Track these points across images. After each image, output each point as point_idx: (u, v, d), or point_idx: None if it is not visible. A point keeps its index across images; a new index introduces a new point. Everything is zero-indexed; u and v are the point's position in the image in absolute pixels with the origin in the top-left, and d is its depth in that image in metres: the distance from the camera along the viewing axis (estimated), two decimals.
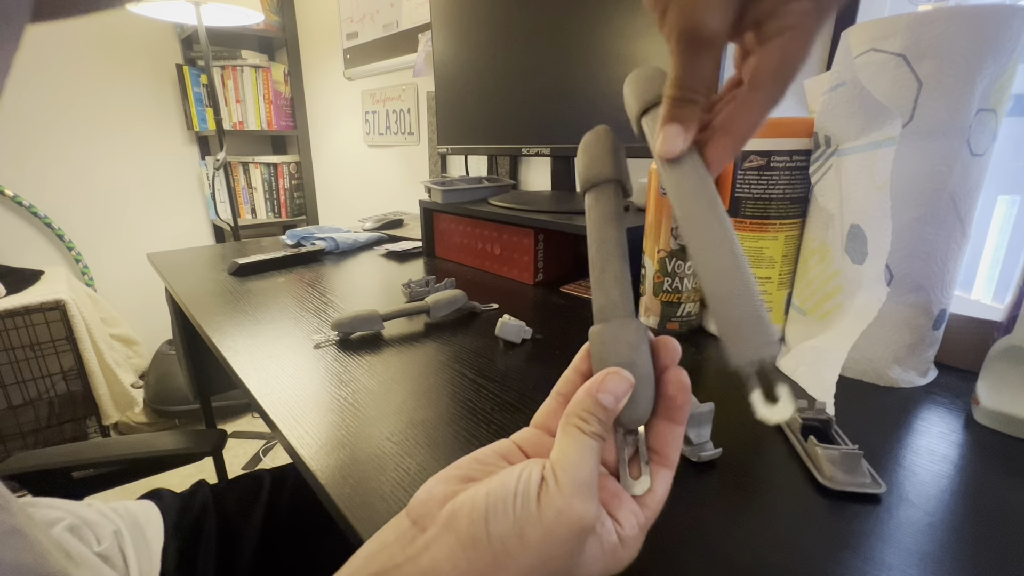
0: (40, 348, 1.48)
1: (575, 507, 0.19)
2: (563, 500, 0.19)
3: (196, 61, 1.95)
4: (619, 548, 0.21)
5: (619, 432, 0.23)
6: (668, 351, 0.23)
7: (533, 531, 0.19)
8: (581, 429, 0.21)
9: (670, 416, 0.23)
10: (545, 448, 0.23)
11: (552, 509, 0.19)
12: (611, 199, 0.25)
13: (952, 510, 0.28)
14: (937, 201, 0.38)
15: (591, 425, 0.21)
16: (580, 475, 0.20)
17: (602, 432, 0.21)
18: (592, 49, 0.70)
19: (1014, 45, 0.35)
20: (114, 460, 0.58)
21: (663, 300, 0.52)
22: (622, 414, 0.22)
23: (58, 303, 1.47)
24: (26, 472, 0.54)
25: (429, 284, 0.67)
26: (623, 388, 0.22)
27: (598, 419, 0.21)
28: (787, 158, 0.44)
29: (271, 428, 0.39)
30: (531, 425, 0.25)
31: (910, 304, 0.40)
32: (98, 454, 0.58)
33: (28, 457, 0.56)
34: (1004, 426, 0.36)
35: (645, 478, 0.22)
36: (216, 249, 1.01)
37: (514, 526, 0.20)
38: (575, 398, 0.22)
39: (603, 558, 0.21)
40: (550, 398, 0.25)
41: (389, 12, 1.36)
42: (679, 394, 0.22)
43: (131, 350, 1.86)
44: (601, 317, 0.24)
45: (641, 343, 0.23)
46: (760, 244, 0.47)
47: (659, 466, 0.23)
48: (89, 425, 1.60)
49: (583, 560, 0.20)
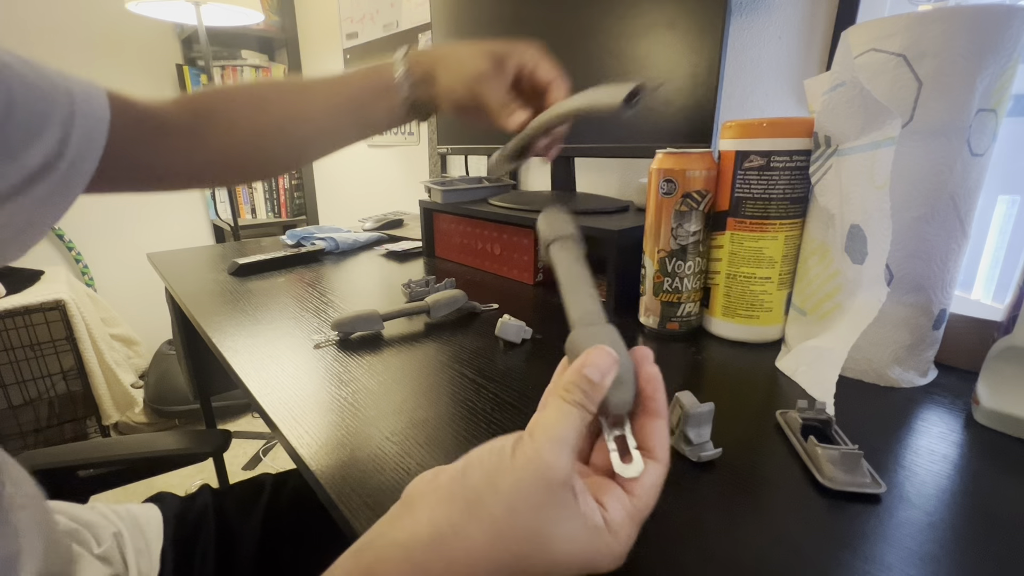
0: (40, 348, 1.48)
1: (544, 455, 0.20)
2: (534, 449, 0.20)
3: (196, 61, 1.96)
4: (604, 532, 0.21)
5: (607, 424, 0.24)
6: (641, 353, 0.25)
7: (504, 479, 0.20)
8: (563, 398, 0.22)
9: (649, 410, 0.24)
10: None
11: (523, 457, 0.20)
12: (572, 247, 0.31)
13: (952, 510, 0.28)
14: (937, 201, 0.38)
15: (573, 394, 0.22)
16: (554, 432, 0.21)
17: (584, 402, 0.22)
18: (592, 49, 0.70)
19: (1014, 45, 0.35)
20: (119, 460, 0.58)
21: (663, 300, 0.52)
22: (608, 397, 0.23)
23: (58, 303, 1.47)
24: (34, 471, 0.54)
25: (429, 284, 0.67)
26: (608, 362, 0.23)
27: (581, 390, 0.22)
28: (787, 158, 0.44)
29: (271, 428, 0.39)
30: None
31: (910, 304, 0.40)
32: (103, 453, 0.58)
33: (35, 456, 0.56)
34: (1004, 426, 0.36)
35: (637, 462, 0.23)
36: (216, 249, 1.01)
37: (487, 475, 0.21)
38: (563, 376, 0.23)
39: (585, 537, 0.20)
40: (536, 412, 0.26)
41: (389, 12, 1.36)
42: (648, 385, 0.24)
43: (131, 350, 1.86)
44: (579, 324, 0.27)
45: (619, 339, 0.25)
46: (760, 244, 0.47)
47: (648, 460, 0.23)
48: (89, 425, 1.60)
49: (560, 532, 0.20)
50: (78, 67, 1.75)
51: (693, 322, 0.53)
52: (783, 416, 0.37)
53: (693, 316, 0.52)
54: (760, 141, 0.45)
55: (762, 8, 0.69)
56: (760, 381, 0.44)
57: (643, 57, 0.64)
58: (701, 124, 0.60)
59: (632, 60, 0.65)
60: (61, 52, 1.74)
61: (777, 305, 0.49)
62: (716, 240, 0.50)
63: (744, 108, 0.74)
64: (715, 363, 0.47)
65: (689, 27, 0.59)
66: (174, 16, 1.45)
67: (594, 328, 0.26)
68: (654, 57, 0.63)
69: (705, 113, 0.60)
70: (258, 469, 1.61)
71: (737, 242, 0.48)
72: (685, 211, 0.48)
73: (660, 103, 0.64)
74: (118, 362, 1.66)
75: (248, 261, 0.81)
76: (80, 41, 1.77)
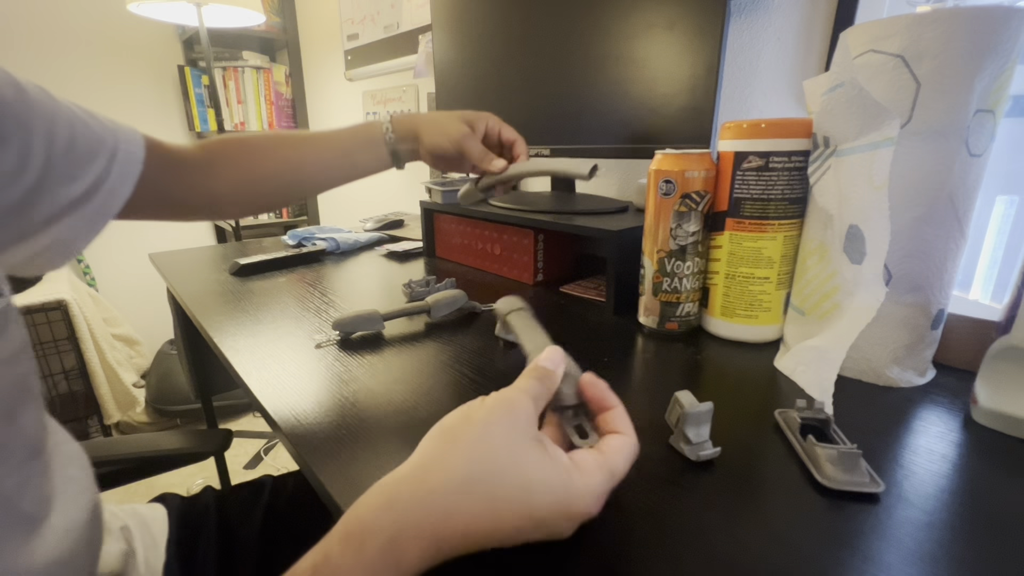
0: (42, 348, 1.48)
1: (508, 394, 0.25)
2: (500, 393, 0.25)
3: (197, 62, 1.96)
4: (574, 469, 0.23)
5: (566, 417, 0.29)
6: (584, 377, 0.29)
7: (476, 412, 0.24)
8: (525, 375, 0.27)
9: (604, 405, 0.28)
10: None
11: (491, 398, 0.25)
12: (526, 313, 0.41)
13: (951, 509, 0.28)
14: (935, 201, 0.38)
15: (533, 374, 0.27)
16: (518, 384, 0.26)
17: (540, 383, 0.27)
18: (592, 49, 0.70)
19: (1012, 46, 0.35)
20: (124, 459, 0.59)
21: (662, 300, 0.52)
22: (560, 388, 0.28)
23: (60, 303, 1.47)
24: None
25: (429, 284, 0.67)
26: (559, 355, 0.29)
27: (537, 375, 0.27)
28: (786, 158, 0.44)
29: (272, 427, 0.39)
30: None
31: (908, 304, 0.40)
32: (110, 452, 0.59)
33: None
34: (1002, 426, 0.36)
35: (593, 436, 0.28)
36: (217, 249, 1.01)
37: (463, 414, 0.25)
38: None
39: (552, 467, 0.22)
40: None
41: (390, 13, 1.37)
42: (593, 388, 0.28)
43: (133, 350, 1.87)
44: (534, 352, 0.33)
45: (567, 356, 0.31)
46: (759, 244, 0.47)
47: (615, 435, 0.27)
48: (91, 425, 1.60)
49: (532, 459, 0.22)
50: (80, 68, 1.76)
51: (692, 322, 0.53)
52: (782, 415, 0.37)
53: (692, 316, 0.52)
54: (759, 142, 0.45)
55: (761, 9, 0.69)
56: (759, 381, 0.44)
57: (642, 58, 0.64)
58: (700, 125, 0.60)
59: (631, 61, 0.65)
60: (64, 53, 1.75)
61: (776, 305, 0.49)
62: (715, 240, 0.50)
63: (743, 109, 0.74)
64: (714, 363, 0.47)
65: (688, 28, 0.59)
66: (175, 17, 1.46)
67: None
68: (653, 57, 0.63)
69: (704, 114, 0.60)
70: (259, 468, 1.62)
71: (736, 242, 0.48)
72: (684, 211, 0.48)
73: (659, 103, 0.64)
74: (120, 362, 1.66)
75: (249, 261, 0.81)
76: (82, 42, 1.78)
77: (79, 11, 1.76)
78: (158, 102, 1.96)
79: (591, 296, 0.67)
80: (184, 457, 0.61)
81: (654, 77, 0.64)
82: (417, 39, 1.28)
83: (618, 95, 0.68)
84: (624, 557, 0.25)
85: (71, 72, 1.76)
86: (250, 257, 0.83)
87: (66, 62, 1.75)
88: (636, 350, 0.50)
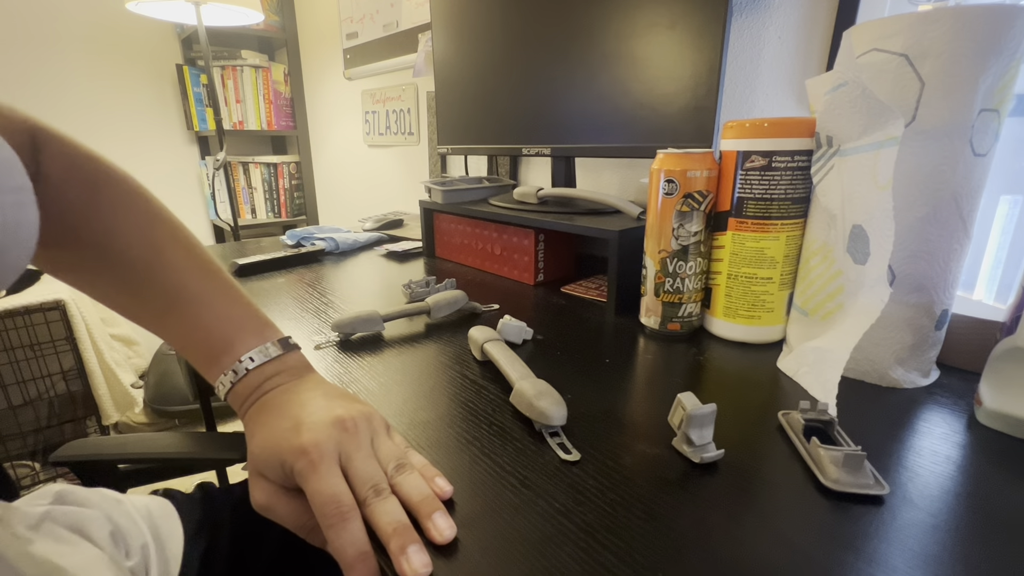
0: (40, 348, 1.48)
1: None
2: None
3: (196, 61, 1.95)
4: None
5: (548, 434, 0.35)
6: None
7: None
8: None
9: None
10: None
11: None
12: (500, 343, 0.47)
13: (955, 511, 0.28)
14: (939, 201, 0.38)
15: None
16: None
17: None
18: (592, 48, 0.69)
19: (1017, 45, 0.34)
20: (157, 458, 0.59)
21: (664, 301, 0.51)
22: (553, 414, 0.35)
23: (58, 303, 1.46)
24: (79, 460, 0.57)
25: (429, 284, 0.67)
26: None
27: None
28: (789, 158, 0.44)
29: None
30: None
31: (912, 304, 0.40)
32: (143, 450, 0.60)
33: (81, 446, 0.58)
34: (1007, 427, 0.35)
35: (575, 454, 0.33)
36: (216, 249, 1.00)
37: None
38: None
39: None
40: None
41: (389, 12, 1.36)
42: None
43: (131, 350, 1.86)
44: (519, 380, 0.39)
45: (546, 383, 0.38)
46: (762, 244, 0.47)
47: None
48: (89, 425, 1.59)
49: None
50: (78, 67, 1.76)
51: (694, 322, 0.53)
52: (785, 417, 0.36)
53: (694, 316, 0.52)
54: (762, 141, 0.45)
55: (762, 8, 0.69)
56: (762, 382, 0.44)
57: (643, 57, 0.64)
58: (702, 124, 0.60)
59: (633, 59, 0.65)
60: (62, 52, 1.74)
61: (779, 306, 0.49)
62: (717, 240, 0.50)
63: (745, 108, 0.73)
64: (717, 364, 0.47)
65: (690, 27, 0.59)
66: (174, 16, 1.45)
67: (530, 379, 0.39)
68: (655, 57, 0.63)
69: (706, 113, 0.59)
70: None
71: (739, 242, 0.48)
72: (686, 211, 0.48)
73: (661, 103, 0.64)
74: (118, 362, 1.66)
75: (248, 261, 0.81)
76: (80, 41, 1.77)
77: (77, 10, 1.75)
78: (156, 101, 1.96)
79: (592, 296, 0.67)
80: (215, 461, 0.62)
81: (655, 76, 0.63)
82: (416, 38, 1.28)
83: (619, 94, 0.68)
84: (627, 559, 0.25)
85: (69, 71, 1.76)
86: (249, 257, 0.83)
87: (64, 61, 1.74)
88: (638, 351, 0.50)
